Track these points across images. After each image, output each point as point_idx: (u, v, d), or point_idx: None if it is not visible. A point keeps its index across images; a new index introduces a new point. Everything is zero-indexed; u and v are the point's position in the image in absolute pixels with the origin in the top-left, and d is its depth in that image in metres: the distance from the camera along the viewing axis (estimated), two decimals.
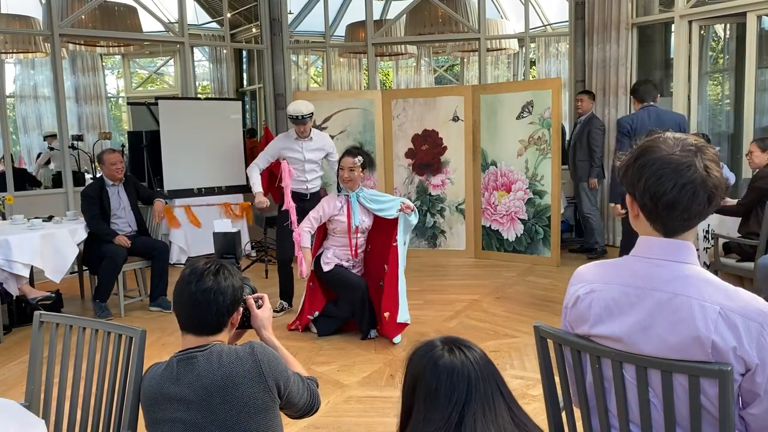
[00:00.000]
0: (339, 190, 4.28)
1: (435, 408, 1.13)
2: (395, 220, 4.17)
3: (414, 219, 4.19)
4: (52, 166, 8.37)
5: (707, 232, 4.73)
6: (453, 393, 1.13)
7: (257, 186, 4.87)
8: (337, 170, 4.27)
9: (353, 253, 4.27)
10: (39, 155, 9.00)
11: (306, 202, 4.79)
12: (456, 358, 1.17)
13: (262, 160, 5.02)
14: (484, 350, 1.23)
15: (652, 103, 5.37)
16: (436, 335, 1.26)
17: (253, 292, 1.86)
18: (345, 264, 4.28)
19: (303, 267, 4.20)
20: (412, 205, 4.17)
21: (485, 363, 1.19)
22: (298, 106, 4.83)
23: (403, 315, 4.10)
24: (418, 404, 1.16)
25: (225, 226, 4.77)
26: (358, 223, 4.20)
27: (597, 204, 6.57)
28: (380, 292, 4.25)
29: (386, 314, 4.11)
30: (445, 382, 1.14)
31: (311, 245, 4.26)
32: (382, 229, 4.28)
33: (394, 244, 4.15)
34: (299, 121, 4.78)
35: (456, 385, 1.13)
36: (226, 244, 4.66)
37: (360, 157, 4.16)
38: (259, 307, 1.83)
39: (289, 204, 4.54)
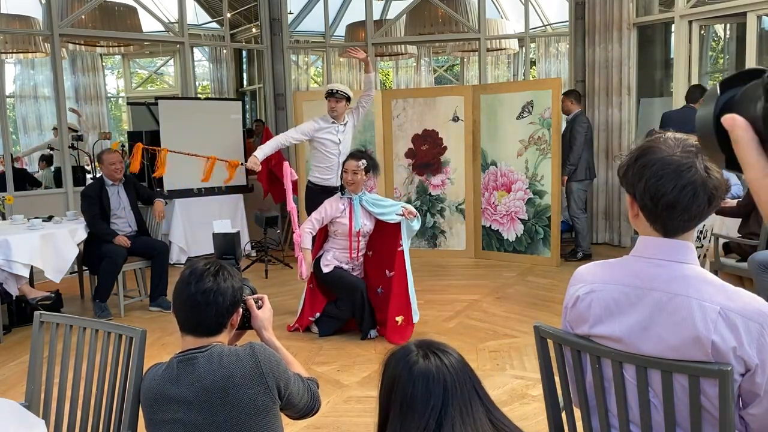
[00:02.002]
0: (342, 192, 4.28)
1: (412, 414, 1.12)
2: (398, 226, 4.18)
3: (416, 225, 4.20)
4: (53, 167, 8.36)
5: (701, 232, 4.74)
6: (429, 399, 1.12)
7: (260, 151, 4.93)
8: (341, 173, 4.28)
9: (352, 256, 4.27)
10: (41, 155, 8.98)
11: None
12: (431, 363, 1.15)
13: (294, 134, 5.10)
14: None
15: (692, 104, 5.78)
16: (435, 335, 1.26)
17: (253, 292, 1.86)
18: (345, 266, 4.28)
19: (303, 268, 4.20)
20: (414, 210, 4.18)
21: (461, 367, 1.17)
22: (334, 84, 5.11)
23: (415, 316, 4.16)
24: (395, 410, 1.15)
25: (225, 226, 4.78)
26: (360, 226, 4.20)
27: (584, 206, 6.47)
28: (379, 298, 4.27)
29: (399, 319, 4.12)
30: (420, 388, 1.13)
31: (311, 247, 4.26)
32: (384, 235, 4.28)
33: (399, 249, 4.17)
34: (331, 95, 4.96)
35: (432, 390, 1.12)
36: (226, 244, 4.66)
37: (364, 161, 4.16)
38: (259, 308, 1.83)
39: (291, 206, 4.54)
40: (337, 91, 4.96)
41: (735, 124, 0.54)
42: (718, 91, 0.57)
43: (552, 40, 9.96)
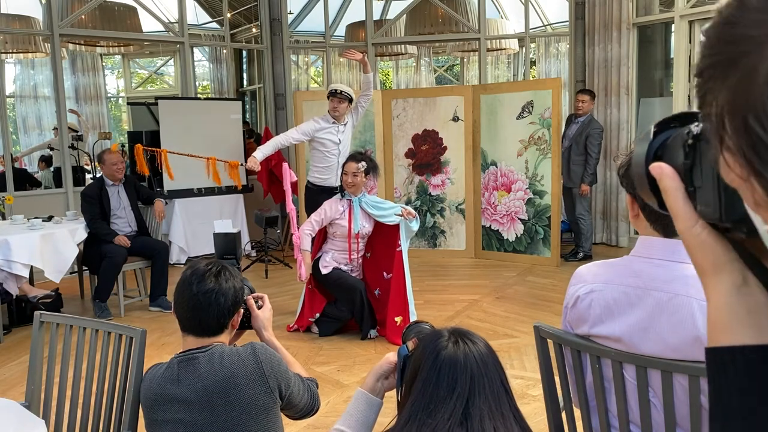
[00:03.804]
0: (342, 193, 4.27)
1: (437, 399, 1.11)
2: (397, 228, 4.19)
3: (415, 225, 4.20)
4: (53, 167, 8.36)
5: None
6: (455, 387, 1.11)
7: (260, 152, 4.94)
8: (341, 175, 4.28)
9: (351, 257, 4.28)
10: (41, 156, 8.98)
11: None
12: (459, 350, 1.15)
13: (295, 134, 5.09)
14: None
15: None
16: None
17: (252, 292, 1.86)
18: (343, 268, 4.28)
19: (302, 270, 4.20)
20: (414, 212, 4.18)
21: (490, 359, 1.17)
22: (337, 84, 5.14)
23: (412, 317, 4.15)
24: (419, 392, 1.14)
25: (226, 226, 4.78)
26: (359, 228, 4.20)
27: (588, 207, 6.46)
28: (378, 300, 4.28)
29: (398, 319, 4.13)
30: (446, 374, 1.13)
31: (311, 248, 4.26)
32: (383, 236, 4.28)
33: (398, 249, 4.17)
34: (333, 95, 4.96)
35: (458, 378, 1.12)
36: (227, 244, 4.66)
37: (364, 163, 4.16)
38: (259, 308, 1.83)
39: (290, 207, 4.54)
40: (341, 91, 4.94)
41: (662, 173, 0.51)
42: (651, 134, 0.55)
43: (552, 40, 9.96)
